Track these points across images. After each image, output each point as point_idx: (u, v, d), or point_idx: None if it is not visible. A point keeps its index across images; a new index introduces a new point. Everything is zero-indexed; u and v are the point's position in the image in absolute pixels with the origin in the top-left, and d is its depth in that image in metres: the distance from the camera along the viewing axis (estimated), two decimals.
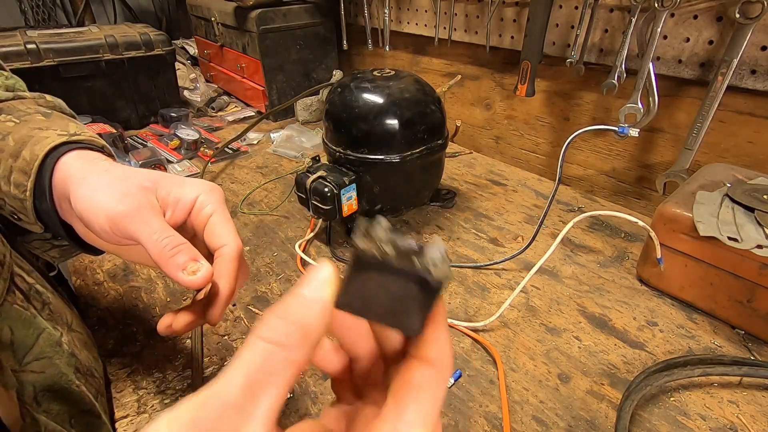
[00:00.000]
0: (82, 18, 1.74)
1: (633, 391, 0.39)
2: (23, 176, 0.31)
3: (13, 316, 0.31)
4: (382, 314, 0.17)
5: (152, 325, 0.50)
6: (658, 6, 0.55)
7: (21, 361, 0.31)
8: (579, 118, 0.76)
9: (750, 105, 0.57)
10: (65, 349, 0.35)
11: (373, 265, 0.16)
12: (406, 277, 0.16)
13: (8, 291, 0.32)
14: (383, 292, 0.16)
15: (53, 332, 0.35)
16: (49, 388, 0.32)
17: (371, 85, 0.59)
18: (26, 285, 0.35)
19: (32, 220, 0.33)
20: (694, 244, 0.46)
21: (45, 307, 0.36)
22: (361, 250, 0.16)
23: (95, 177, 0.30)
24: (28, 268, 0.37)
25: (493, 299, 0.52)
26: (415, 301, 0.16)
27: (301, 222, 0.68)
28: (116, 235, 0.28)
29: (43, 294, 0.36)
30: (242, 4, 0.98)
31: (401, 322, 0.17)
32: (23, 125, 0.33)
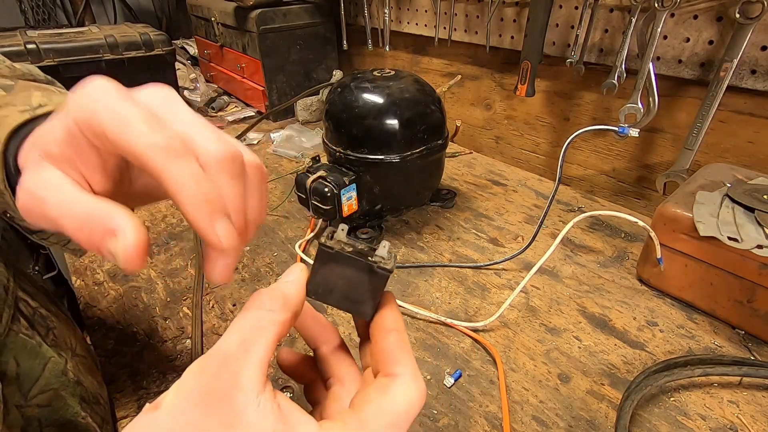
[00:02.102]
0: (82, 18, 1.74)
1: (633, 391, 0.39)
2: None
3: (19, 347, 0.30)
4: (341, 300, 0.21)
5: (152, 325, 0.50)
6: (658, 6, 0.55)
7: (27, 395, 0.30)
8: (579, 118, 0.76)
9: (750, 105, 0.57)
10: (70, 377, 0.34)
11: (333, 257, 0.20)
12: (359, 266, 0.20)
13: (13, 319, 0.30)
14: (341, 281, 0.20)
15: (58, 360, 0.33)
16: (54, 422, 0.31)
17: (371, 85, 0.59)
18: (30, 310, 0.33)
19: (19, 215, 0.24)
20: (694, 244, 0.46)
21: (49, 333, 0.34)
22: (324, 245, 0.20)
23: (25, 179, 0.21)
24: (32, 291, 0.35)
25: (493, 299, 0.52)
26: (365, 289, 0.20)
27: (301, 222, 0.68)
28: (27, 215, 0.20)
29: (47, 318, 0.35)
30: (242, 4, 0.98)
31: (355, 308, 0.21)
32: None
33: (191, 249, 0.62)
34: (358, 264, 0.20)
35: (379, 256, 0.20)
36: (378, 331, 0.21)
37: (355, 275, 0.20)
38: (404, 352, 0.19)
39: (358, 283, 0.20)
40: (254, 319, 0.19)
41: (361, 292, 0.21)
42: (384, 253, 0.20)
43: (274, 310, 0.19)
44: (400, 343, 0.20)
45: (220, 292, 0.55)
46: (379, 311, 0.21)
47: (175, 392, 0.17)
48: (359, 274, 0.20)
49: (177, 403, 0.17)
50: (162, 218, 0.69)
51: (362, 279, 0.20)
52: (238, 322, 0.19)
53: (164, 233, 0.66)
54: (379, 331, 0.21)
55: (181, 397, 0.17)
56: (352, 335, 0.48)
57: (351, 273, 0.20)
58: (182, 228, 0.67)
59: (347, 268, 0.20)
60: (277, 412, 0.17)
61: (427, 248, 0.62)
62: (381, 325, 0.21)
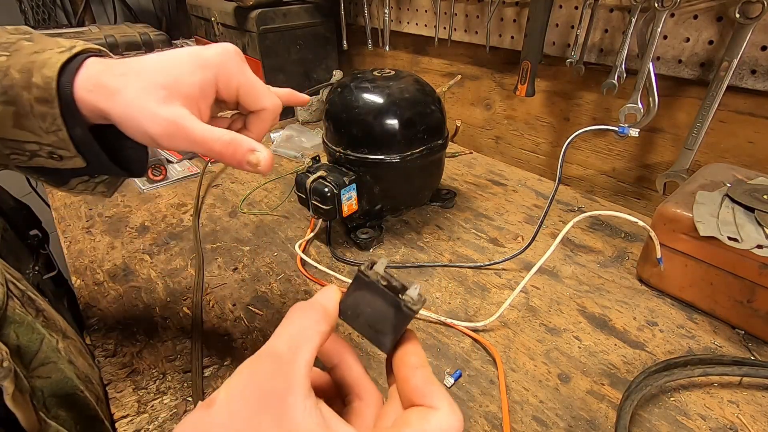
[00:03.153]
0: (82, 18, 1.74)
1: (633, 391, 0.39)
2: (45, 105, 0.29)
3: (18, 321, 0.31)
4: (365, 327, 0.23)
5: (152, 325, 0.50)
6: (658, 6, 0.55)
7: (28, 366, 0.31)
8: (579, 118, 0.76)
9: (750, 105, 0.57)
10: (63, 355, 0.35)
11: (367, 285, 0.22)
12: (388, 300, 0.22)
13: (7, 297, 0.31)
14: (369, 309, 0.22)
15: (51, 338, 0.34)
16: (55, 393, 0.32)
17: (371, 85, 0.59)
18: (19, 291, 0.34)
19: (73, 151, 0.30)
20: (694, 244, 0.46)
21: (39, 314, 0.35)
22: (362, 272, 0.22)
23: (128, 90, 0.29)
24: (17, 276, 0.36)
25: (493, 299, 0.52)
26: (389, 323, 0.22)
27: (301, 222, 0.68)
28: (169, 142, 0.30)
29: (36, 301, 0.36)
30: (242, 4, 0.98)
31: (377, 338, 0.23)
32: (16, 54, 0.29)
33: (191, 249, 0.62)
34: (388, 297, 0.22)
35: (410, 296, 0.21)
36: (404, 367, 0.21)
37: (383, 307, 0.22)
38: (437, 386, 0.21)
39: (383, 316, 0.22)
40: (301, 327, 0.20)
41: (385, 325, 0.22)
42: (414, 295, 0.21)
43: (317, 322, 0.21)
44: (430, 379, 0.21)
45: (220, 292, 0.55)
46: (403, 346, 0.22)
47: (228, 390, 0.18)
48: (387, 307, 0.22)
49: (231, 400, 0.18)
50: (162, 218, 0.69)
51: (388, 313, 0.22)
52: (287, 328, 0.20)
53: (164, 233, 0.66)
54: (406, 367, 0.21)
55: (235, 394, 0.18)
56: (352, 335, 0.48)
57: (380, 305, 0.22)
58: (182, 228, 0.67)
59: (377, 299, 0.22)
60: (320, 417, 0.18)
61: (427, 248, 0.62)
62: (407, 362, 0.22)
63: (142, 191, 0.77)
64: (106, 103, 0.29)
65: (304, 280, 0.56)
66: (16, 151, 0.31)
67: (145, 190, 0.77)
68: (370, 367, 0.44)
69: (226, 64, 0.32)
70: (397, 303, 0.21)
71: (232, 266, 0.59)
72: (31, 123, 0.30)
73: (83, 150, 0.31)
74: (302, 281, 0.56)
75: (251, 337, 0.48)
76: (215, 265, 0.59)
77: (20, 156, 0.32)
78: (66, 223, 0.68)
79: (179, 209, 0.72)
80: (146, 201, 0.74)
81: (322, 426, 0.18)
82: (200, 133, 0.29)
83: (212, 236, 0.65)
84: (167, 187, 0.78)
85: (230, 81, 0.32)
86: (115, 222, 0.69)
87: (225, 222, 0.68)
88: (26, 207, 0.78)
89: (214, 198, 0.75)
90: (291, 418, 0.18)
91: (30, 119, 0.29)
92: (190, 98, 0.30)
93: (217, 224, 0.68)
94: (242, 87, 0.33)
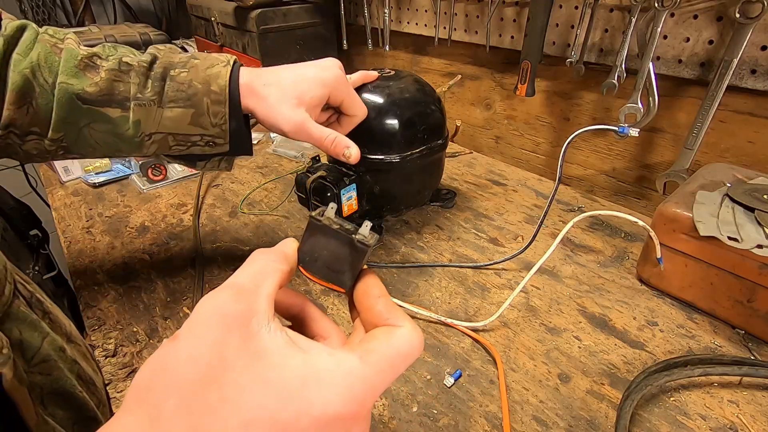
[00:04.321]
0: (82, 18, 1.74)
1: (633, 391, 0.39)
2: (220, 106, 0.41)
3: (21, 318, 0.31)
4: (323, 269, 0.24)
5: (152, 325, 0.50)
6: (658, 6, 0.55)
7: (29, 361, 0.31)
8: (579, 118, 0.76)
9: (750, 105, 0.57)
10: (68, 355, 0.35)
11: (320, 229, 0.23)
12: (342, 240, 0.23)
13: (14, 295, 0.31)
14: (325, 252, 0.23)
15: (56, 338, 0.34)
16: (54, 391, 0.32)
17: (371, 85, 0.59)
18: (28, 293, 0.35)
19: (226, 139, 0.43)
20: (694, 244, 0.46)
21: (46, 316, 0.35)
22: (314, 217, 0.23)
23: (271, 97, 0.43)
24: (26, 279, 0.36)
25: (493, 299, 0.52)
26: (346, 261, 0.23)
27: (302, 222, 0.68)
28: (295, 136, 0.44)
29: (44, 303, 0.36)
30: (242, 4, 0.98)
31: (336, 278, 0.23)
32: (193, 70, 0.42)
33: (191, 249, 0.62)
34: (341, 237, 0.23)
35: (362, 234, 0.22)
36: (366, 297, 0.22)
37: (338, 248, 0.23)
38: (399, 310, 0.22)
39: (340, 255, 0.23)
40: (261, 264, 0.21)
41: (342, 264, 0.23)
42: (366, 232, 0.22)
43: (278, 260, 0.22)
44: (392, 305, 0.22)
45: None
46: (363, 280, 0.23)
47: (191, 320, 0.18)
48: (342, 247, 0.23)
49: (194, 329, 0.18)
50: (162, 218, 0.69)
51: (344, 252, 0.23)
52: (247, 267, 0.21)
53: (164, 233, 0.66)
54: (368, 297, 0.22)
55: (199, 322, 0.18)
56: None
57: (335, 245, 0.23)
58: (182, 228, 0.67)
59: (332, 241, 0.23)
60: (285, 337, 0.18)
61: (427, 248, 0.62)
62: (369, 293, 0.22)
63: (142, 191, 0.77)
64: (255, 105, 0.43)
65: (304, 280, 0.56)
66: (181, 142, 0.43)
67: (145, 190, 0.77)
68: None
69: (338, 85, 0.46)
70: (351, 240, 0.22)
71: (232, 266, 0.59)
72: (203, 120, 0.41)
73: (234, 137, 0.44)
74: (302, 281, 0.56)
75: None
76: (215, 265, 0.59)
77: (181, 146, 0.43)
78: (66, 223, 0.68)
79: (179, 209, 0.72)
80: (146, 201, 0.74)
81: (289, 343, 0.18)
82: (317, 132, 0.44)
83: (212, 236, 0.65)
84: (167, 187, 0.78)
85: (338, 96, 0.47)
86: (115, 222, 0.69)
87: (225, 222, 0.68)
88: (26, 207, 0.78)
89: (214, 198, 0.75)
90: (257, 337, 0.18)
91: (203, 117, 0.41)
92: (311, 106, 0.44)
93: (217, 224, 0.68)
94: (345, 100, 0.48)
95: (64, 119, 0.40)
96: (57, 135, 0.40)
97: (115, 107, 0.40)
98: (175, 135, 0.42)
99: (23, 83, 0.38)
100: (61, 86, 0.39)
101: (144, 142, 0.42)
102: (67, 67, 0.39)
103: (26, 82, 0.38)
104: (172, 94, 0.41)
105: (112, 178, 0.80)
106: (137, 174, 0.80)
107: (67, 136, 0.41)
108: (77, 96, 0.39)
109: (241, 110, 0.43)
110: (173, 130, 0.42)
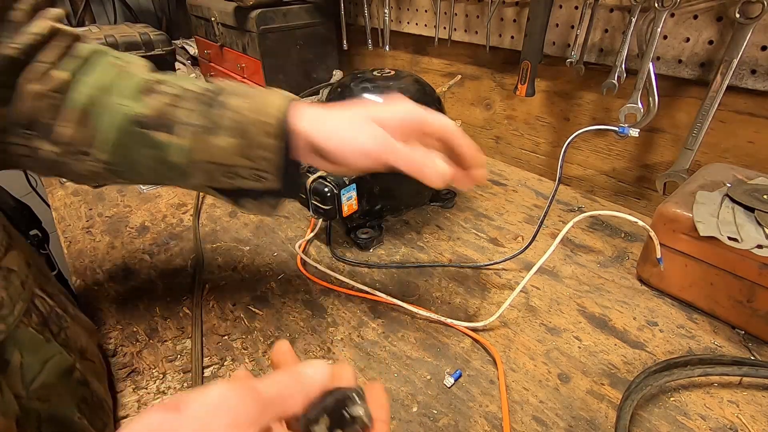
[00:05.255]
0: (82, 18, 1.74)
1: (633, 391, 0.39)
2: (270, 138, 0.37)
3: (26, 340, 0.31)
4: None
5: (152, 325, 0.50)
6: (658, 6, 0.55)
7: (28, 387, 0.30)
8: (579, 118, 0.76)
9: (750, 105, 0.57)
10: (76, 377, 0.34)
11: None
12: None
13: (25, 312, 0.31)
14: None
15: (66, 358, 0.34)
16: (52, 418, 0.32)
17: (371, 85, 0.59)
18: (47, 308, 0.34)
19: (276, 174, 0.39)
20: (694, 244, 0.46)
21: (61, 332, 0.35)
22: None
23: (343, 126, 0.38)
24: (52, 292, 0.36)
25: (493, 299, 0.52)
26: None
27: (301, 222, 0.68)
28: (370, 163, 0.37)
29: (62, 318, 0.36)
30: (242, 4, 0.98)
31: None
32: (250, 100, 0.39)
33: (191, 249, 0.62)
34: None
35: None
36: None
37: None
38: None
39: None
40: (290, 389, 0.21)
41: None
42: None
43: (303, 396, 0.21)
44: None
45: (220, 292, 0.55)
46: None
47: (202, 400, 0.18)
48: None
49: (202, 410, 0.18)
50: (162, 218, 0.69)
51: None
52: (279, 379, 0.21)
53: (164, 233, 0.66)
54: None
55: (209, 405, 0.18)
56: (351, 335, 0.48)
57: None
58: (182, 228, 0.67)
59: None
60: None
61: (427, 248, 0.62)
62: None
63: (142, 191, 0.77)
64: (317, 127, 0.38)
65: (304, 280, 0.56)
66: (227, 173, 0.39)
67: (145, 190, 0.77)
68: (370, 368, 0.44)
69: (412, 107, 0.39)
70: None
71: (232, 266, 0.59)
72: (253, 152, 0.38)
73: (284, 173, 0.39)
74: (302, 281, 0.56)
75: (251, 337, 0.48)
76: (215, 265, 0.59)
77: (228, 178, 0.40)
78: (66, 223, 0.68)
79: (179, 209, 0.72)
80: (146, 201, 0.74)
81: None
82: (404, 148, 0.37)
83: (212, 236, 0.65)
84: (167, 187, 0.78)
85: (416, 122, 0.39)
86: (115, 222, 0.69)
87: (225, 222, 0.68)
88: (26, 207, 0.78)
89: (214, 198, 0.75)
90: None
91: (253, 149, 0.38)
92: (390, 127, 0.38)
93: (217, 224, 0.68)
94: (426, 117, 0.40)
95: (118, 142, 0.39)
96: (110, 157, 0.39)
97: (165, 131, 0.39)
98: (221, 165, 0.39)
99: (87, 103, 0.38)
100: (121, 108, 0.38)
101: (190, 171, 0.40)
102: (130, 90, 0.39)
103: (90, 102, 0.38)
104: (225, 122, 0.38)
105: None
106: None
107: (118, 160, 0.40)
108: (134, 119, 0.38)
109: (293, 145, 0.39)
110: (220, 159, 0.39)
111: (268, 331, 0.49)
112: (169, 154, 0.39)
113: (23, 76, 0.35)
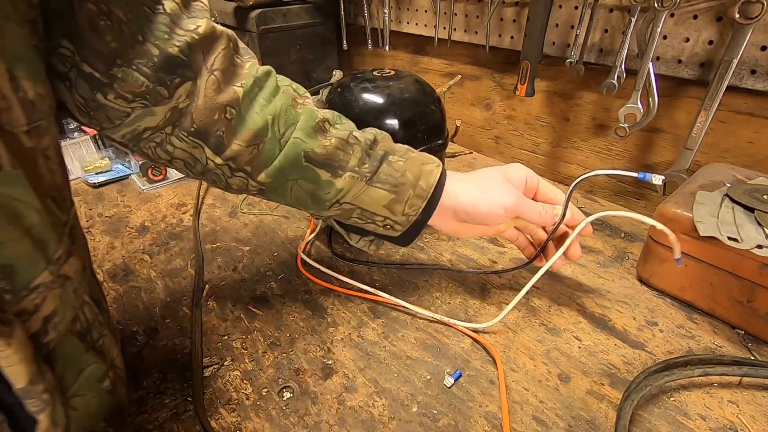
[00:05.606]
0: None
1: (633, 391, 0.39)
2: (419, 200, 0.43)
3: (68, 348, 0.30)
4: None
5: (152, 325, 0.50)
6: (658, 6, 0.55)
7: (66, 393, 0.30)
8: (579, 118, 0.76)
9: (750, 105, 0.57)
10: (105, 386, 0.34)
11: None
12: None
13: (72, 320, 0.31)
14: None
15: (100, 366, 0.33)
16: (84, 427, 0.31)
17: (371, 85, 0.59)
18: (92, 315, 0.33)
19: (404, 228, 0.45)
20: (694, 244, 0.46)
21: (100, 339, 0.34)
22: None
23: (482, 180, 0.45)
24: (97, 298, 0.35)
25: (493, 299, 0.53)
26: None
27: (301, 222, 0.68)
28: (505, 218, 0.44)
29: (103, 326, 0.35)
30: (242, 4, 0.98)
31: None
32: (409, 162, 0.44)
33: (191, 249, 0.62)
34: None
35: None
36: None
37: None
38: None
39: None
40: None
41: None
42: None
43: None
44: None
45: (221, 292, 0.55)
46: None
47: None
48: None
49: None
50: (162, 218, 0.69)
51: None
52: None
53: (164, 233, 0.66)
54: None
55: None
56: (351, 335, 0.48)
57: None
58: (182, 228, 0.67)
59: None
60: None
61: (427, 248, 0.62)
62: None
63: (142, 191, 0.77)
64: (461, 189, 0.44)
65: (304, 281, 0.56)
66: (364, 217, 0.45)
67: (145, 190, 0.77)
68: (370, 368, 0.44)
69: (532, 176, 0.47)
70: None
71: (232, 266, 0.59)
72: (397, 207, 0.43)
73: (410, 227, 0.45)
74: (302, 281, 0.56)
75: (251, 337, 0.48)
76: (215, 265, 0.59)
77: (361, 221, 0.45)
78: None
79: (179, 209, 0.72)
80: (146, 201, 0.74)
81: None
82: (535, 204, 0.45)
83: (212, 236, 0.65)
84: (167, 187, 0.78)
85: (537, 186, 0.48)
86: (115, 222, 0.69)
87: (225, 222, 0.68)
88: None
89: (214, 198, 0.75)
90: None
91: (399, 205, 0.43)
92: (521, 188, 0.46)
93: (217, 224, 0.68)
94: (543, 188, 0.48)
95: (282, 169, 0.41)
96: (266, 180, 0.41)
97: (328, 171, 0.42)
98: (364, 210, 0.44)
99: (262, 126, 0.39)
100: (295, 141, 0.40)
101: (332, 206, 0.44)
102: (306, 125, 0.41)
103: (264, 125, 0.39)
104: (383, 176, 0.43)
105: (112, 178, 0.80)
106: (137, 174, 0.80)
107: (273, 183, 0.42)
108: (305, 153, 0.41)
109: (433, 210, 0.44)
110: (366, 206, 0.43)
111: (268, 331, 0.49)
112: (324, 190, 0.42)
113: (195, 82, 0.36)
